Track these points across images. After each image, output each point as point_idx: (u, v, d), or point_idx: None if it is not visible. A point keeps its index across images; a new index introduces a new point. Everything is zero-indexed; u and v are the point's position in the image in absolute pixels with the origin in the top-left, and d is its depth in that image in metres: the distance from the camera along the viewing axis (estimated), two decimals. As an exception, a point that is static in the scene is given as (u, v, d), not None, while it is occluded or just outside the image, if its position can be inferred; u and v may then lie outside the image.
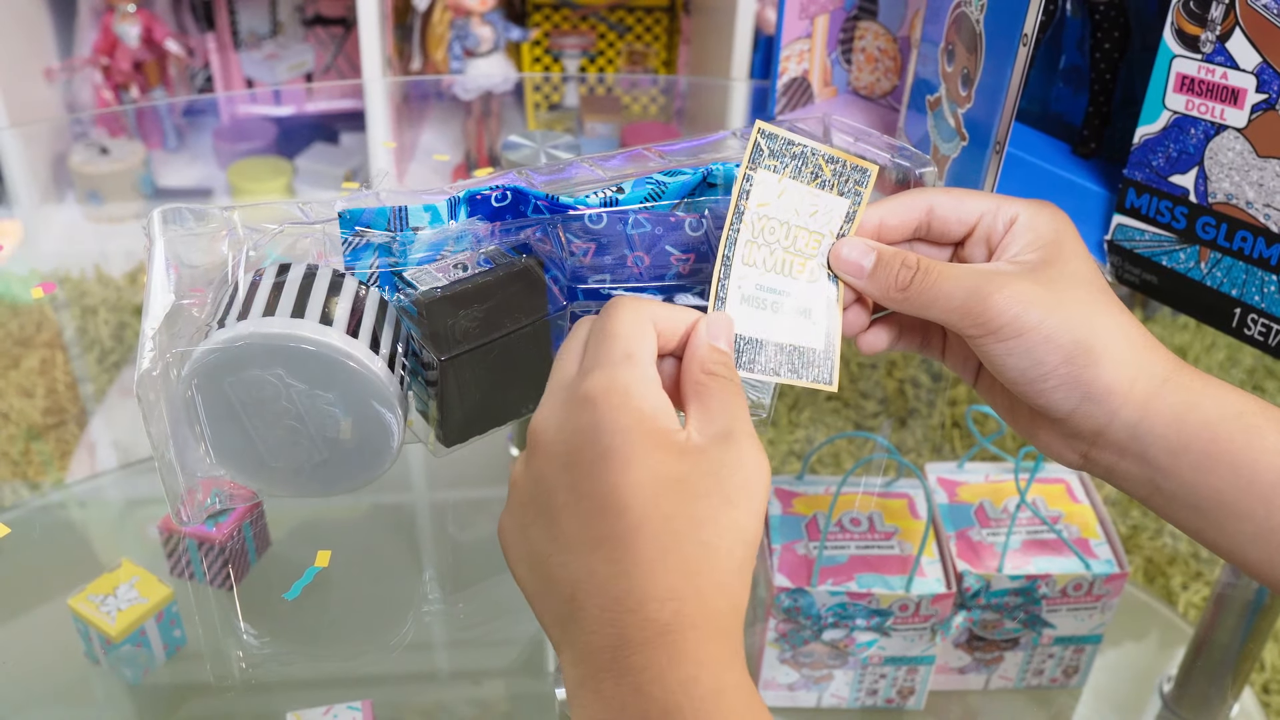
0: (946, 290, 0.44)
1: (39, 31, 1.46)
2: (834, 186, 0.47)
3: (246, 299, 0.48)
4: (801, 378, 0.46)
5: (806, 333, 0.47)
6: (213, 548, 0.64)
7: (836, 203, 0.47)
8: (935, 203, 0.47)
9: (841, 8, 0.74)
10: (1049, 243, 0.45)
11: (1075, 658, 0.67)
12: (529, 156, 0.75)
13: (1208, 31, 0.50)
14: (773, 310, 0.46)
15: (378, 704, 0.59)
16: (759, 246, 0.46)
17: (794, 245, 0.47)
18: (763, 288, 0.46)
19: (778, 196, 0.46)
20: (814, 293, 0.47)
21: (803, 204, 0.47)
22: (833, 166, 0.47)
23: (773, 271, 0.46)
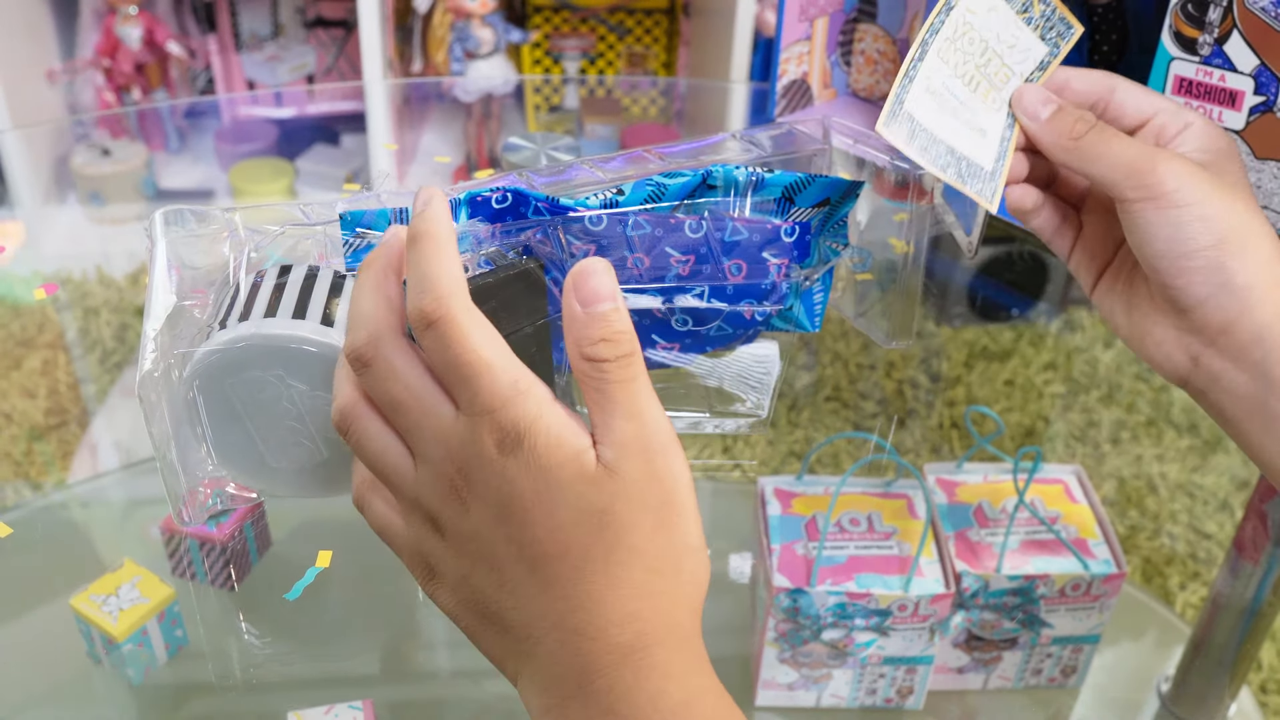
0: (1117, 148, 0.44)
1: (41, 33, 1.46)
2: (1038, 27, 0.48)
3: (248, 300, 0.48)
4: (967, 185, 0.47)
5: (979, 149, 0.47)
6: (214, 548, 0.64)
7: (1036, 45, 0.48)
8: (1120, 86, 0.47)
9: (841, 10, 0.74)
10: (1218, 151, 0.45)
11: (1073, 658, 0.67)
12: (529, 158, 0.75)
13: (1205, 34, 0.50)
14: (953, 115, 0.47)
15: (378, 703, 0.59)
16: (956, 49, 0.46)
17: (986, 67, 0.47)
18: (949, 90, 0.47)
19: (988, 10, 0.47)
20: (993, 120, 0.48)
21: (1006, 31, 0.47)
22: (1043, 7, 0.48)
23: (960, 80, 0.47)
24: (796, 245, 0.54)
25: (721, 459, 0.98)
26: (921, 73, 0.46)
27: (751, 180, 0.53)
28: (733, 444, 0.99)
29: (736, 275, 0.53)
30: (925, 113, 0.46)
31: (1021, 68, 0.48)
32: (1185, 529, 0.96)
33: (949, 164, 0.46)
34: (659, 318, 0.54)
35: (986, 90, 0.48)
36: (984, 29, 0.47)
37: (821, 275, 0.56)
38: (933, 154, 0.46)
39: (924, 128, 0.46)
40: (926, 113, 0.46)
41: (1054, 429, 1.08)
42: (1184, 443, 1.06)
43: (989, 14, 0.47)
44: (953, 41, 0.47)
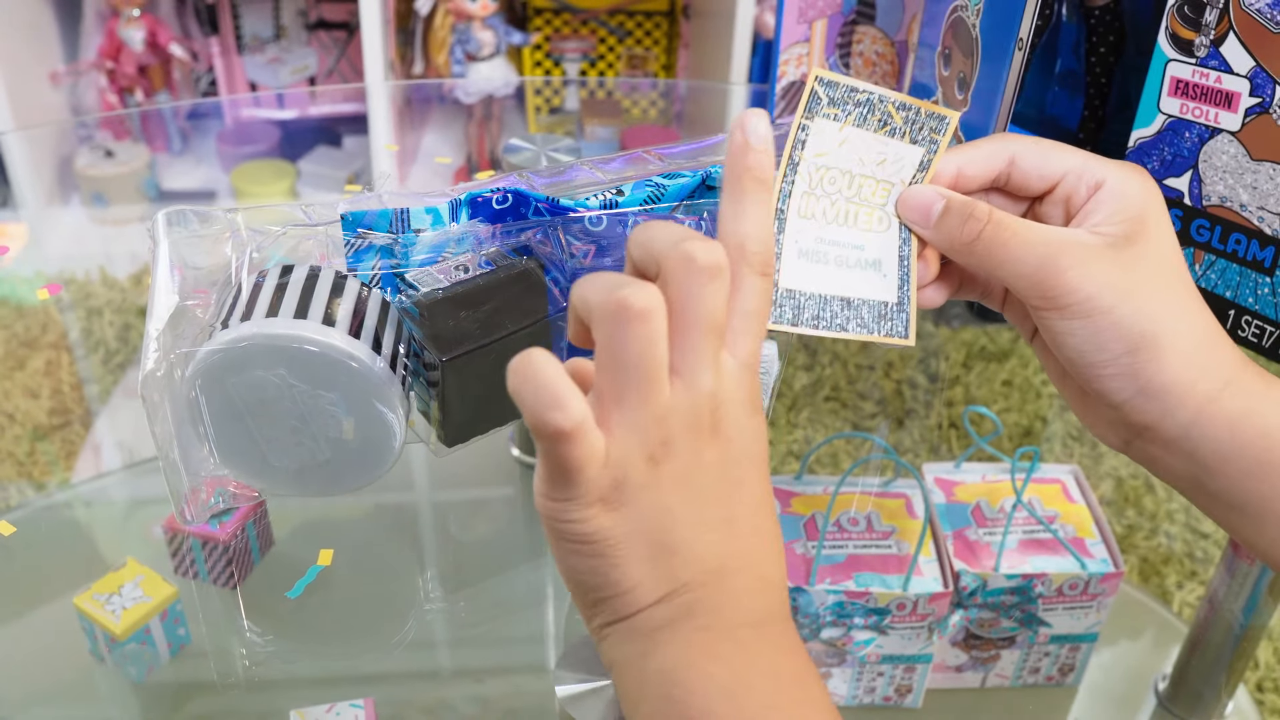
0: (1019, 254, 0.41)
1: (45, 35, 1.46)
2: (905, 134, 0.45)
3: (250, 300, 0.48)
4: (874, 333, 0.44)
5: (878, 286, 0.44)
6: (216, 547, 0.64)
7: (908, 150, 0.45)
8: (1019, 153, 0.44)
9: (839, 12, 0.74)
10: (1134, 216, 0.42)
11: (1071, 656, 0.67)
12: (530, 159, 0.76)
13: (1202, 36, 0.51)
14: (837, 264, 0.44)
15: (380, 701, 0.59)
16: (817, 198, 0.44)
17: (859, 195, 0.44)
18: (824, 241, 0.44)
19: (838, 145, 0.44)
20: (885, 244, 0.45)
21: (869, 152, 0.44)
22: (904, 113, 0.44)
23: (835, 223, 0.44)
24: (795, 246, 0.54)
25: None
26: (786, 244, 0.43)
27: (750, 181, 0.53)
28: (732, 444, 0.99)
29: (736, 276, 0.53)
30: (805, 280, 0.44)
31: (901, 176, 0.45)
32: (1182, 528, 0.96)
33: (849, 319, 0.44)
34: (658, 318, 0.54)
35: (869, 216, 0.45)
36: (842, 162, 0.44)
37: (820, 275, 0.56)
38: (827, 319, 0.44)
39: (809, 295, 0.44)
40: (806, 279, 0.44)
41: (1052, 429, 1.08)
42: (1181, 442, 1.07)
43: (842, 147, 0.44)
44: (810, 193, 0.44)
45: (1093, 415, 0.45)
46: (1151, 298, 0.41)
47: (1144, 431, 0.43)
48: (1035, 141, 0.45)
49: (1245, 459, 0.41)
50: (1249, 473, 0.41)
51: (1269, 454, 0.40)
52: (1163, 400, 0.41)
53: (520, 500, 0.80)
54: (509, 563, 0.74)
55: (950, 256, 0.44)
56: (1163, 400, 0.41)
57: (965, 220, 0.43)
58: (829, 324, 0.44)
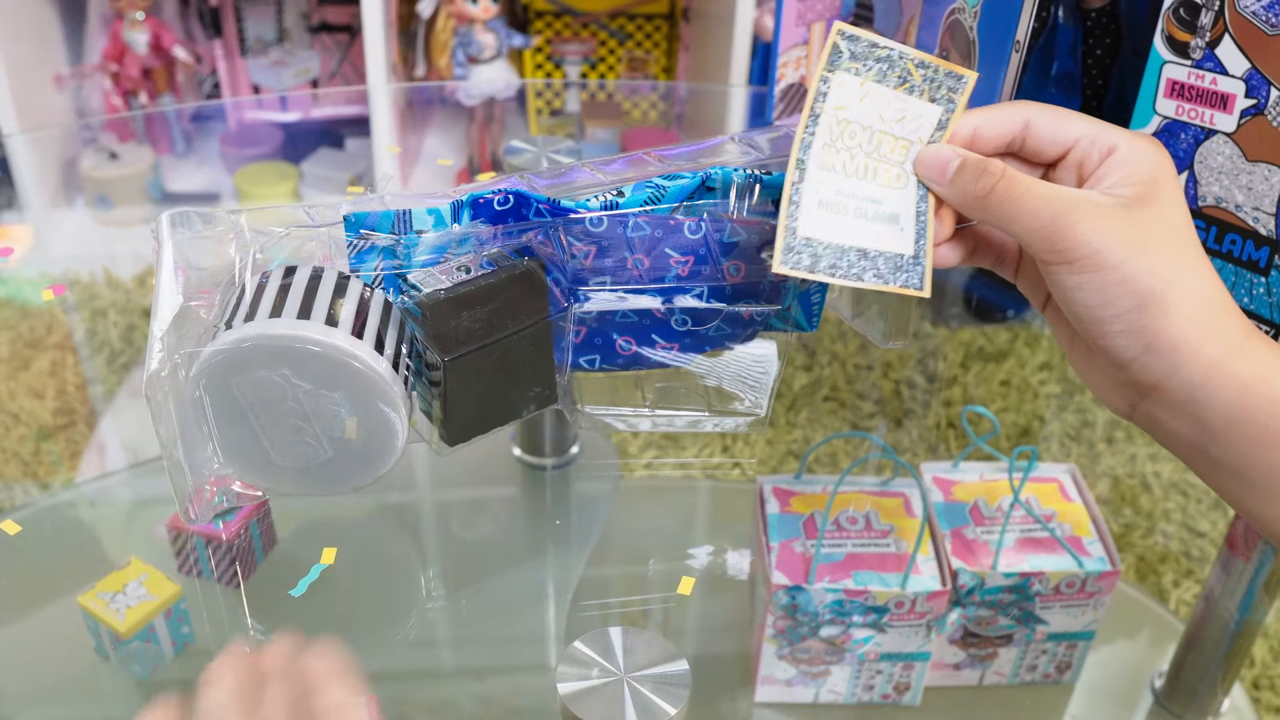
0: (1031, 207, 0.42)
1: (49, 39, 1.47)
2: (924, 92, 0.45)
3: (253, 301, 0.49)
4: (889, 283, 0.45)
5: (894, 239, 0.45)
6: (220, 546, 0.65)
7: (927, 109, 0.45)
8: (1034, 118, 0.44)
9: (838, 15, 0.75)
10: (1145, 180, 0.42)
11: (1068, 654, 0.68)
12: (531, 161, 0.76)
13: (1197, 38, 0.51)
14: (855, 215, 0.44)
15: (383, 700, 0.60)
16: (838, 151, 0.44)
17: (878, 151, 0.45)
18: (843, 193, 0.44)
19: (859, 100, 0.44)
20: (902, 200, 0.45)
21: (888, 109, 0.45)
22: (923, 71, 0.45)
23: (854, 177, 0.45)
24: (794, 246, 0.54)
25: (720, 458, 0.98)
26: (806, 192, 0.44)
27: (750, 182, 0.53)
28: (732, 443, 1.00)
29: (735, 276, 0.53)
30: (824, 229, 0.44)
31: (919, 134, 0.45)
32: (1179, 527, 0.96)
33: (865, 269, 0.45)
34: (659, 318, 0.54)
35: (887, 172, 0.45)
36: (863, 118, 0.45)
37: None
38: (844, 267, 0.44)
39: (828, 245, 0.44)
40: (826, 229, 0.44)
41: (1049, 428, 1.08)
42: (1178, 442, 1.07)
43: (863, 102, 0.45)
44: (831, 145, 0.44)
45: (1099, 377, 0.45)
46: (1160, 256, 0.41)
47: (1150, 392, 0.43)
48: (1050, 108, 0.45)
49: (1253, 425, 0.40)
50: (1255, 439, 0.41)
51: (1276, 421, 0.40)
52: (1169, 359, 0.41)
53: (522, 499, 0.80)
54: (511, 561, 0.75)
55: (965, 213, 0.45)
56: (1169, 359, 0.41)
57: (979, 176, 0.43)
58: (845, 273, 0.44)
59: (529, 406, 0.54)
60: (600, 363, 0.56)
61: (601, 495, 0.82)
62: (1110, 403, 0.46)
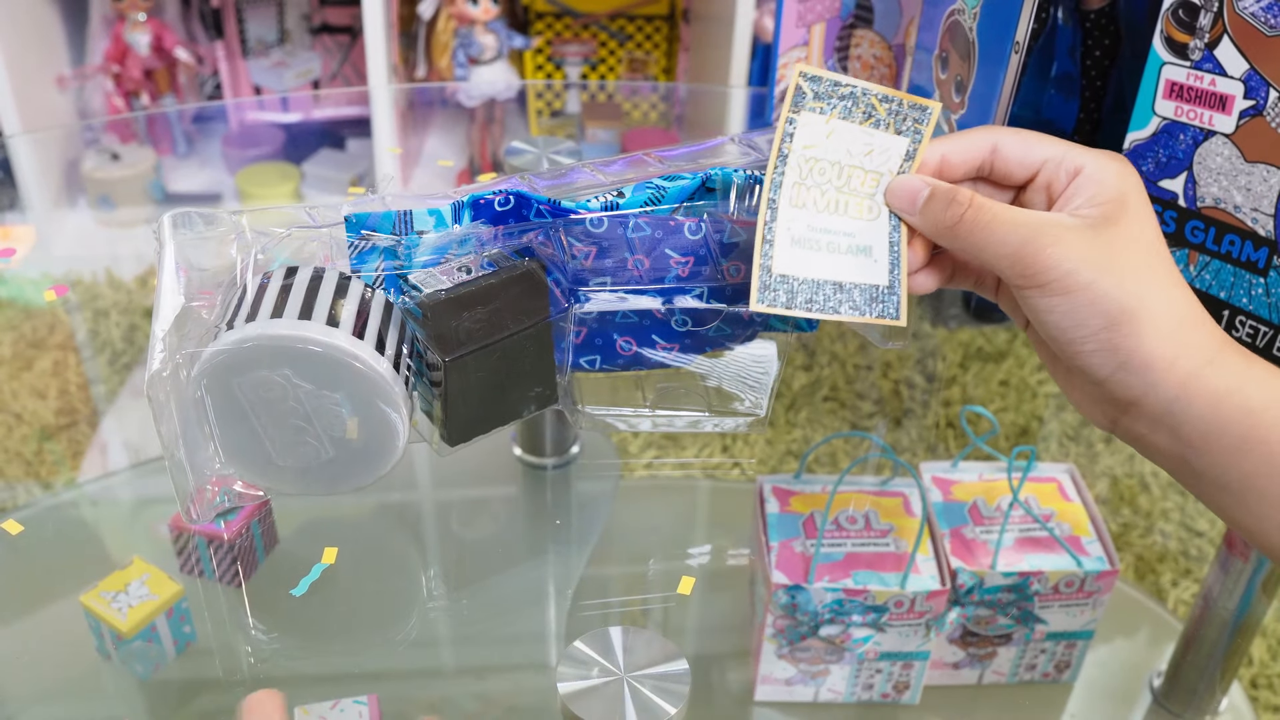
0: (999, 234, 0.43)
1: (52, 40, 1.47)
2: (890, 125, 0.46)
3: (255, 301, 0.49)
4: (865, 314, 0.46)
5: (868, 270, 0.46)
6: (222, 545, 0.65)
7: (894, 141, 0.46)
8: (1001, 143, 0.45)
9: (837, 16, 0.75)
10: (1112, 199, 0.43)
11: (1067, 653, 0.68)
12: (531, 162, 0.76)
13: (1196, 39, 0.51)
14: (829, 250, 0.46)
15: (383, 698, 0.60)
16: (808, 188, 0.45)
17: (849, 185, 0.46)
18: (815, 228, 0.45)
19: (826, 138, 0.45)
20: (875, 231, 0.46)
21: (855, 144, 0.46)
22: (887, 105, 0.46)
23: (826, 212, 0.46)
24: (793, 247, 0.54)
25: (720, 458, 0.98)
26: (779, 231, 0.45)
27: (750, 183, 0.54)
28: (731, 443, 1.00)
29: (735, 276, 0.53)
30: (798, 266, 0.45)
31: (889, 166, 0.47)
32: (1177, 527, 0.97)
33: (841, 301, 0.46)
34: (659, 318, 0.54)
35: (859, 205, 0.46)
36: (830, 154, 0.46)
37: (818, 277, 0.57)
38: (820, 301, 0.45)
39: (803, 280, 0.45)
40: (799, 265, 0.45)
41: (1048, 428, 1.08)
42: (1176, 442, 1.07)
43: (829, 139, 0.46)
44: (801, 183, 0.46)
45: (1080, 394, 0.46)
46: (1129, 274, 0.42)
47: (1129, 408, 0.43)
48: (1017, 131, 0.46)
49: (1229, 436, 0.41)
50: (1232, 449, 0.41)
51: (1252, 431, 0.41)
52: (1144, 375, 0.42)
53: (522, 499, 0.80)
54: (511, 561, 0.75)
55: (937, 241, 0.46)
56: (1144, 375, 0.42)
57: (948, 205, 0.44)
58: (822, 306, 0.45)
59: (529, 407, 0.54)
60: (601, 363, 0.56)
61: (602, 495, 0.82)
62: (1093, 418, 0.46)
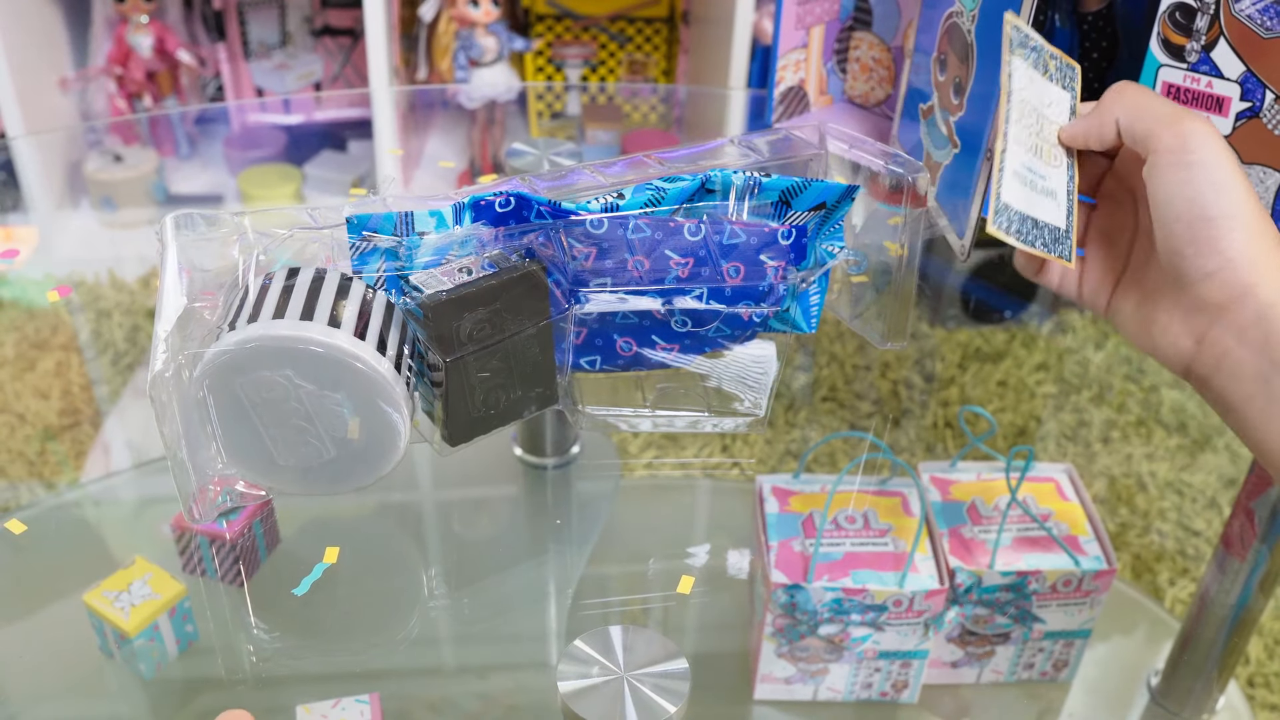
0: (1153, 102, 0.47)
1: (54, 42, 1.47)
2: (1058, 81, 0.50)
3: (256, 302, 0.49)
4: (1052, 252, 0.49)
5: (1055, 212, 0.49)
6: (224, 545, 0.65)
7: (1061, 95, 0.50)
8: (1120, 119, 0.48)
9: (837, 19, 0.75)
10: None
11: (1065, 652, 0.68)
12: (532, 163, 0.76)
13: (1193, 41, 0.51)
14: (1032, 188, 0.49)
15: (385, 697, 0.60)
16: (1023, 129, 0.48)
17: (1042, 133, 0.49)
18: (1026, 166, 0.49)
19: (1029, 84, 0.49)
20: (1058, 177, 0.50)
21: (1044, 95, 0.50)
22: (1055, 62, 0.50)
23: (1030, 153, 0.49)
24: (793, 248, 0.55)
25: (720, 458, 0.99)
26: (1008, 163, 0.48)
27: (749, 184, 0.54)
28: (731, 443, 1.00)
29: (735, 277, 0.54)
30: (1016, 198, 0.48)
31: (1060, 118, 0.51)
32: (1174, 526, 0.97)
33: (1037, 237, 0.49)
34: (659, 319, 0.55)
35: (1048, 152, 0.50)
36: (1033, 100, 0.49)
37: (818, 278, 0.57)
38: (1026, 234, 0.48)
39: (1017, 212, 0.48)
40: (1017, 198, 0.48)
41: (1046, 428, 1.09)
42: (1173, 442, 1.07)
43: (1030, 86, 0.49)
44: (1019, 122, 0.49)
45: (1167, 316, 0.47)
46: (1244, 183, 0.44)
47: (1221, 314, 0.44)
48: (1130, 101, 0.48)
49: None
50: None
51: None
52: (1246, 274, 0.43)
53: (523, 499, 0.80)
54: (512, 560, 0.75)
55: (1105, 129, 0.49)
56: (1246, 274, 0.43)
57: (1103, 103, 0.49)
58: (1027, 239, 0.48)
59: (530, 407, 0.54)
60: (601, 363, 0.57)
61: (602, 495, 0.82)
62: (1175, 347, 0.47)
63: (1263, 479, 0.62)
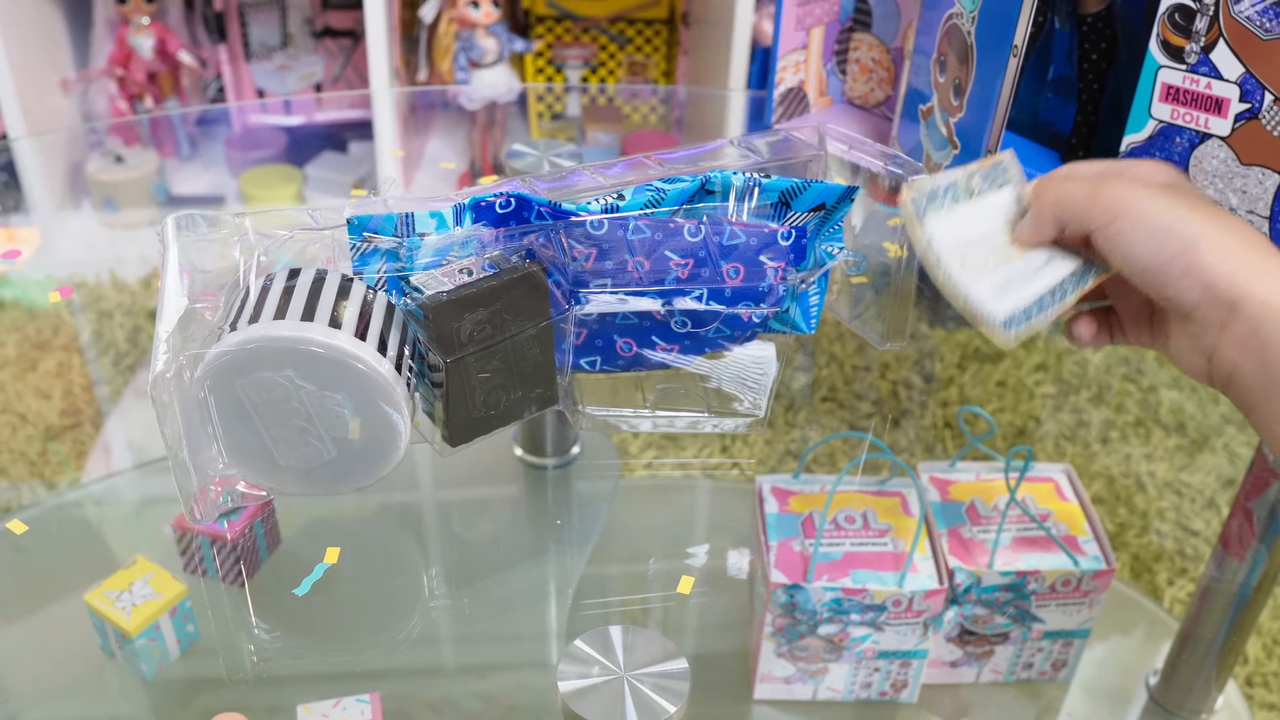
0: (1069, 192, 0.49)
1: (56, 44, 1.47)
2: (992, 186, 0.52)
3: (258, 303, 0.49)
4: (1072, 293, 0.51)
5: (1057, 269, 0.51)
6: (225, 545, 0.65)
7: (1001, 195, 0.52)
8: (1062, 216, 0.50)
9: (836, 20, 0.75)
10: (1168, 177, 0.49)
11: (1064, 652, 0.68)
12: (532, 165, 0.76)
13: (1192, 43, 0.51)
14: (1024, 279, 0.51)
15: (385, 696, 0.60)
16: (975, 260, 0.50)
17: (994, 241, 0.51)
18: (1002, 276, 0.51)
19: (957, 224, 0.51)
20: (1036, 252, 0.51)
21: (980, 215, 0.51)
22: (978, 175, 0.52)
23: (996, 265, 0.51)
24: (793, 249, 0.55)
25: (720, 458, 0.99)
26: (983, 292, 0.51)
27: (749, 185, 0.54)
28: (731, 443, 1.00)
29: (734, 278, 0.54)
30: (1013, 303, 0.51)
31: (1009, 213, 0.52)
32: (1173, 526, 0.97)
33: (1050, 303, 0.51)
34: (659, 320, 0.55)
35: (1012, 246, 0.52)
36: (969, 232, 0.51)
37: (817, 278, 0.57)
38: (1042, 309, 0.51)
39: (1020, 310, 0.50)
40: (1014, 301, 0.51)
41: (1044, 429, 1.09)
42: (1171, 442, 1.07)
43: (959, 225, 0.51)
44: (966, 262, 0.51)
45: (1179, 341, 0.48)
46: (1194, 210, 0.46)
47: (1221, 332, 0.45)
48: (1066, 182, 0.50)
49: None
50: None
51: None
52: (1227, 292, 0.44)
53: (523, 499, 0.81)
54: (512, 560, 0.75)
55: (1042, 224, 0.51)
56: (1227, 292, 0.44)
57: (1037, 185, 0.51)
58: (1045, 311, 0.50)
59: (531, 407, 0.54)
60: (601, 364, 0.57)
61: (602, 495, 0.82)
62: (1194, 366, 0.49)
63: (1261, 479, 0.62)
